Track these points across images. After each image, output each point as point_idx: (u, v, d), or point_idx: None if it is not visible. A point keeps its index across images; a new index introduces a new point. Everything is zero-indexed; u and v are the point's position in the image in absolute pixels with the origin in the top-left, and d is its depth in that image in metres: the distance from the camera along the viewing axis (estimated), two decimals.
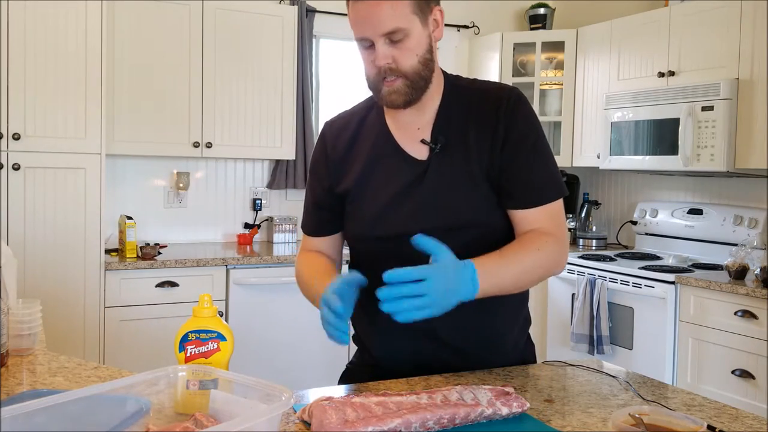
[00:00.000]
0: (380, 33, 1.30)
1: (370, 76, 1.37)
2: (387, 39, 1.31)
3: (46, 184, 3.07)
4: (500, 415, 1.11)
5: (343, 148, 1.49)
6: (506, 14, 4.69)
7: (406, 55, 1.32)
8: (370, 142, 1.47)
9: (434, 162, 1.40)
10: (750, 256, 3.01)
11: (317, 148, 1.55)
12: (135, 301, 3.25)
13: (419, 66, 1.34)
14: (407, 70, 1.33)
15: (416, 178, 1.40)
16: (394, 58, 1.32)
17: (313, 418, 1.04)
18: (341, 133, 1.51)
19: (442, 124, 1.42)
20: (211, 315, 1.20)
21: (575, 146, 4.15)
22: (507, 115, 1.39)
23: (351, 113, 1.54)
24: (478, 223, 1.39)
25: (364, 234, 1.45)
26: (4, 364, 1.37)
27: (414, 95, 1.36)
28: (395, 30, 1.29)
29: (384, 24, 1.29)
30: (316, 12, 4.09)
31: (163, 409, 1.02)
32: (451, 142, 1.40)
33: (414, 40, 1.32)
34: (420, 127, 1.43)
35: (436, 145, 1.40)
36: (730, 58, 3.22)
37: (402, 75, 1.33)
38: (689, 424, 1.01)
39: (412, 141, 1.43)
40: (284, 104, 3.82)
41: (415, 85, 1.35)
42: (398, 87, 1.34)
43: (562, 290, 3.72)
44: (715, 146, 3.22)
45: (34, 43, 3.02)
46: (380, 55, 1.31)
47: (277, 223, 4.00)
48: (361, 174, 1.45)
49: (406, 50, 1.32)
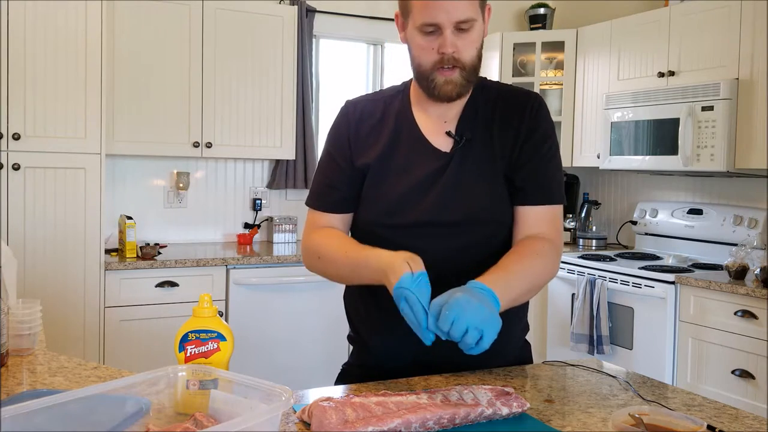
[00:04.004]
0: (454, 20, 1.31)
1: (425, 64, 1.36)
2: (455, 28, 1.32)
3: (46, 184, 3.06)
4: (500, 415, 1.11)
5: (366, 128, 1.48)
6: (506, 14, 4.69)
7: (469, 46, 1.34)
8: (394, 128, 1.47)
9: (458, 155, 1.42)
10: (750, 256, 3.01)
11: (339, 123, 1.52)
12: (135, 301, 3.25)
13: (476, 59, 1.37)
14: (467, 61, 1.35)
15: (438, 169, 1.41)
16: (458, 48, 1.33)
17: (313, 419, 1.03)
18: (365, 114, 1.50)
19: (469, 119, 1.44)
20: (211, 315, 1.20)
21: (575, 146, 4.15)
22: (531, 118, 1.43)
23: (375, 98, 1.53)
24: (494, 220, 1.42)
25: (379, 221, 1.43)
26: (4, 364, 1.37)
27: (466, 88, 1.39)
28: (468, 19, 1.32)
29: (460, 11, 1.31)
30: (316, 12, 4.09)
31: (163, 409, 1.02)
32: (476, 138, 1.43)
33: (477, 32, 1.35)
34: (447, 120, 1.45)
35: (461, 138, 1.42)
36: (730, 58, 3.22)
37: (461, 66, 1.35)
38: (689, 424, 1.01)
39: (437, 133, 1.44)
40: (284, 104, 3.82)
41: (469, 78, 1.38)
42: (455, 78, 1.36)
43: (562, 290, 3.72)
44: (715, 146, 3.22)
45: (34, 43, 3.02)
46: (449, 42, 1.32)
47: (277, 223, 4.00)
48: (381, 154, 1.44)
49: (470, 41, 1.34)
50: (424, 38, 1.35)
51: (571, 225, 4.24)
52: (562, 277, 3.68)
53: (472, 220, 1.40)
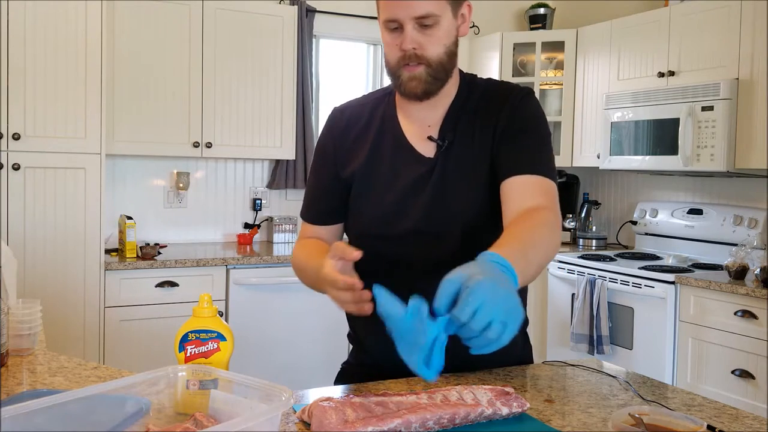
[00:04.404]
0: (412, 15, 1.28)
1: (391, 61, 1.35)
2: (417, 23, 1.29)
3: (46, 184, 3.06)
4: (500, 415, 1.11)
5: (351, 136, 1.46)
6: (506, 14, 4.69)
7: (434, 43, 1.31)
8: (379, 133, 1.44)
9: (441, 160, 1.38)
10: (750, 256, 3.01)
11: (325, 132, 1.52)
12: (135, 301, 3.25)
13: (444, 56, 1.33)
14: (432, 57, 1.31)
15: (423, 176, 1.38)
16: (420, 44, 1.30)
17: (313, 419, 1.03)
18: (351, 121, 1.48)
19: (452, 122, 1.40)
20: (211, 315, 1.20)
21: (575, 146, 4.15)
22: (511, 108, 1.37)
23: (362, 103, 1.51)
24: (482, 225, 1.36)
25: (369, 232, 1.42)
26: (4, 364, 1.37)
27: (433, 86, 1.34)
28: (428, 15, 1.28)
29: (419, 7, 1.27)
30: (316, 12, 4.09)
31: (163, 409, 1.02)
32: (459, 141, 1.38)
33: (443, 29, 1.31)
34: (431, 124, 1.41)
35: (443, 142, 1.38)
36: (730, 58, 3.22)
37: (426, 62, 1.31)
38: (689, 424, 1.01)
39: (421, 137, 1.41)
40: (284, 104, 3.82)
41: (436, 75, 1.33)
42: (419, 74, 1.32)
43: (562, 290, 3.72)
44: (715, 146, 3.22)
45: (34, 43, 3.02)
46: (408, 38, 1.30)
47: (277, 223, 4.00)
48: (366, 162, 1.42)
49: (435, 38, 1.30)
50: (389, 35, 1.33)
51: (571, 225, 4.23)
52: (562, 277, 3.68)
53: (460, 227, 1.36)
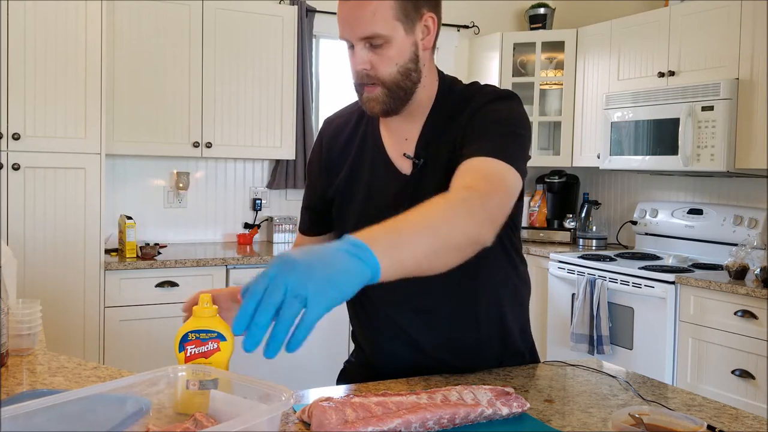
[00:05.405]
0: (358, 36, 1.25)
1: (353, 79, 1.32)
2: (367, 43, 1.26)
3: (46, 184, 3.06)
4: (500, 415, 1.11)
5: (338, 149, 1.45)
6: (506, 14, 4.69)
7: (385, 63, 1.26)
8: (361, 143, 1.42)
9: (416, 178, 1.34)
10: (750, 256, 3.01)
11: (314, 148, 1.52)
12: (135, 301, 3.25)
13: (398, 76, 1.28)
14: (385, 78, 1.27)
15: (399, 194, 1.34)
16: (372, 64, 1.27)
17: (313, 419, 1.03)
18: (338, 132, 1.47)
19: (427, 137, 1.35)
20: (211, 315, 1.20)
21: (575, 146, 4.15)
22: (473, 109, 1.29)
23: (350, 111, 1.49)
24: None
25: None
26: (4, 364, 1.37)
27: (393, 105, 1.30)
28: (373, 35, 1.24)
29: (363, 28, 1.24)
30: (316, 12, 4.09)
31: (163, 409, 1.02)
32: (434, 156, 1.32)
33: (394, 49, 1.26)
34: (408, 137, 1.37)
35: (419, 161, 1.34)
36: (730, 58, 3.22)
37: (380, 83, 1.28)
38: (689, 424, 1.01)
39: (399, 151, 1.38)
40: (284, 104, 3.82)
41: (393, 95, 1.29)
42: (377, 95, 1.29)
43: (562, 290, 3.72)
44: (715, 146, 3.22)
45: (34, 43, 3.01)
46: (358, 59, 1.27)
47: (277, 223, 4.00)
48: (347, 175, 1.41)
49: (386, 58, 1.26)
50: (349, 53, 1.31)
51: (571, 225, 4.23)
52: (562, 277, 3.69)
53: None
